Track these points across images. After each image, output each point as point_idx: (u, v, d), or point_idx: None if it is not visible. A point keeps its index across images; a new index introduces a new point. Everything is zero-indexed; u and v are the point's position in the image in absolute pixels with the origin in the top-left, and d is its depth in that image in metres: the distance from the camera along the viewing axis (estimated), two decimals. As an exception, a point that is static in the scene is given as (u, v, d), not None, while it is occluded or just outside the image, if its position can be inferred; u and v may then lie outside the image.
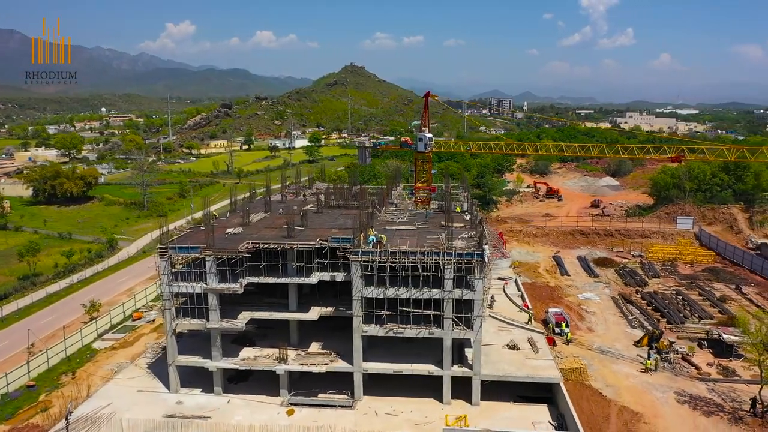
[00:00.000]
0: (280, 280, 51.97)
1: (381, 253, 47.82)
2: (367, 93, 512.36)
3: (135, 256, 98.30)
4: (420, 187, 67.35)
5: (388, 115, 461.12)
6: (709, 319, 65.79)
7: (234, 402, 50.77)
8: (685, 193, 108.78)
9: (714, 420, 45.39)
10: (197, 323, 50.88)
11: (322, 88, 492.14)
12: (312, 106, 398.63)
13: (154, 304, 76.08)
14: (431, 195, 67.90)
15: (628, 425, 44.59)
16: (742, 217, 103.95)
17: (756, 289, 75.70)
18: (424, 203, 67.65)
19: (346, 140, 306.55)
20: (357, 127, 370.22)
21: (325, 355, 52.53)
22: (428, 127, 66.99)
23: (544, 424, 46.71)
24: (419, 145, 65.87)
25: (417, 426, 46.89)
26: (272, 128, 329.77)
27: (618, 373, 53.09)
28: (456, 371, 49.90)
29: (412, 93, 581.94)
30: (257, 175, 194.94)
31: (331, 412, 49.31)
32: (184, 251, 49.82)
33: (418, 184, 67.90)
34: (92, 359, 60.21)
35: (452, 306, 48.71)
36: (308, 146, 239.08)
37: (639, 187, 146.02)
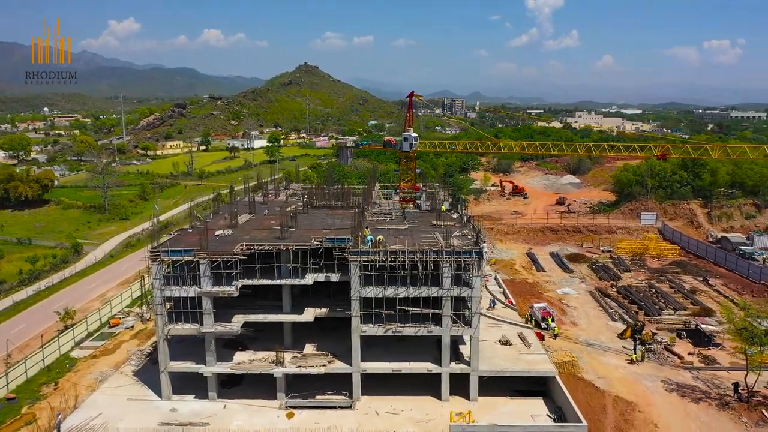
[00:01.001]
0: (276, 282, 51.37)
1: (380, 252, 47.88)
2: (322, 93, 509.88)
3: (103, 261, 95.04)
4: (405, 186, 67.60)
5: (344, 115, 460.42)
6: (683, 310, 68.60)
7: (231, 407, 49.82)
8: (647, 190, 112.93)
9: (703, 406, 47.43)
10: (190, 328, 49.73)
11: (276, 87, 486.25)
12: (268, 106, 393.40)
13: (130, 310, 73.90)
14: (416, 194, 68.27)
15: (624, 414, 46.09)
16: (701, 213, 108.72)
17: (722, 281, 79.35)
18: (408, 202, 67.94)
19: (305, 140, 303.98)
20: (314, 127, 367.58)
21: (321, 357, 52.20)
22: (412, 127, 67.25)
23: (542, 417, 47.73)
24: (404, 144, 66.14)
25: (419, 424, 47.16)
26: (229, 128, 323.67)
27: (607, 365, 54.78)
28: (455, 368, 50.44)
29: (366, 93, 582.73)
30: (218, 176, 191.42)
31: (332, 414, 49.05)
32: (177, 254, 48.48)
33: (402, 183, 68.12)
34: (73, 369, 57.95)
35: (450, 304, 49.33)
36: (269, 146, 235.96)
37: (599, 185, 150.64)
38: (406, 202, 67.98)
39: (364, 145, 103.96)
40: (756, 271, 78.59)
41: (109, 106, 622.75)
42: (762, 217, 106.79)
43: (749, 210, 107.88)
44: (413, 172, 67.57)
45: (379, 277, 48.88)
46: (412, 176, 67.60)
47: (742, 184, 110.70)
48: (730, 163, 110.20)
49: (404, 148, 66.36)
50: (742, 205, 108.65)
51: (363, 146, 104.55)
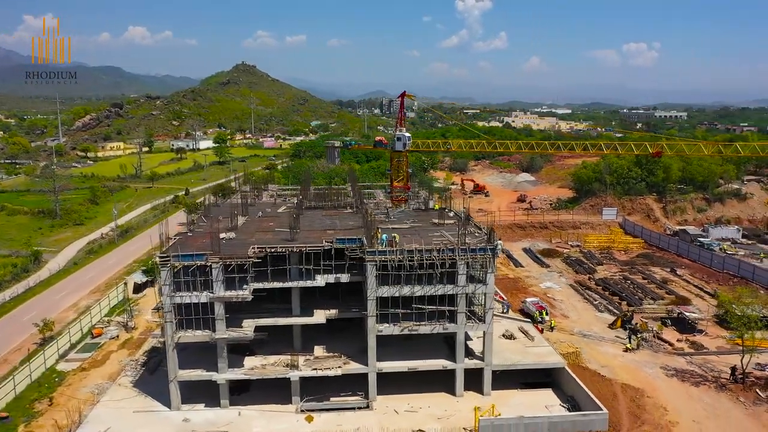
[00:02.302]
0: (288, 284, 50.69)
1: (397, 252, 48.06)
2: (262, 92, 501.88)
3: (67, 268, 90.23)
4: (397, 185, 67.94)
5: (286, 115, 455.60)
6: (660, 299, 72.34)
7: (246, 414, 48.72)
8: (606, 186, 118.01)
9: (703, 389, 50.33)
10: (202, 335, 48.27)
11: (215, 87, 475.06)
12: (209, 106, 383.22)
13: (110, 319, 70.71)
14: (408, 194, 68.76)
15: (634, 400, 48.26)
16: (656, 207, 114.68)
17: (688, 271, 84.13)
18: (400, 202, 68.33)
19: (252, 141, 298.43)
20: (258, 127, 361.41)
21: (335, 358, 51.82)
22: (404, 127, 67.66)
23: (555, 407, 49.27)
24: (397, 144, 66.47)
25: (440, 420, 47.68)
26: (170, 129, 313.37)
27: (606, 354, 57.12)
28: (469, 363, 51.30)
29: (306, 93, 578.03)
30: (169, 178, 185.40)
31: (351, 415, 48.83)
32: (188, 259, 46.89)
33: (395, 182, 68.40)
34: (63, 383, 54.88)
35: (465, 301, 50.16)
36: (217, 147, 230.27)
37: (554, 182, 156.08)
38: (399, 202, 68.34)
39: (352, 146, 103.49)
40: (719, 261, 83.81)
41: (33, 105, 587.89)
42: (712, 210, 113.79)
43: (700, 204, 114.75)
44: (406, 171, 68.00)
45: (393, 277, 49.01)
46: (405, 176, 68.00)
47: (693, 180, 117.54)
48: (680, 160, 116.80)
49: (397, 148, 66.71)
50: (693, 200, 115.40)
51: (352, 146, 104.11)
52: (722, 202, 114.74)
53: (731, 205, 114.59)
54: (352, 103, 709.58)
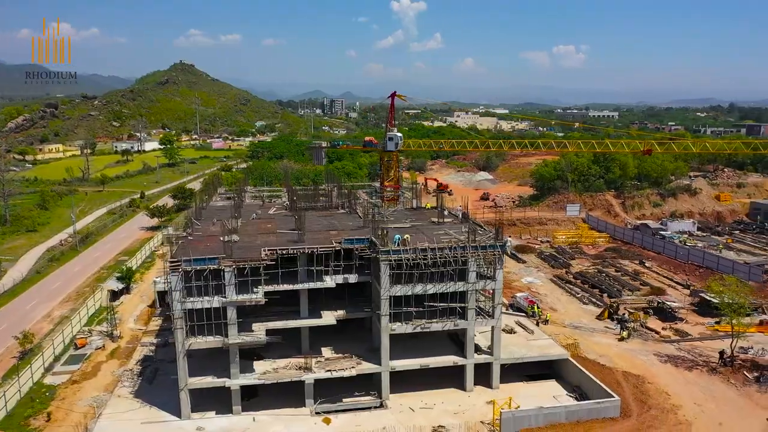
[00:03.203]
0: (298, 286, 50.18)
1: (410, 251, 48.46)
2: (202, 92, 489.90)
3: (30, 277, 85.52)
4: (389, 185, 68.29)
5: (229, 115, 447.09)
6: (637, 290, 75.85)
7: (261, 419, 47.89)
8: (568, 184, 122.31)
9: (696, 373, 53.27)
10: (213, 340, 47.11)
11: (153, 87, 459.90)
12: (150, 106, 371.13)
13: (91, 328, 67.66)
14: (398, 194, 69.25)
15: (637, 387, 50.54)
16: (615, 203, 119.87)
17: (655, 263, 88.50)
18: (391, 201, 68.73)
19: (199, 142, 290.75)
20: (203, 128, 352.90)
21: (347, 359, 51.67)
22: (396, 127, 68.04)
23: (563, 397, 50.97)
24: (389, 144, 66.81)
25: (456, 415, 48.41)
26: (111, 130, 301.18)
27: (600, 344, 59.46)
28: (479, 358, 52.30)
29: (247, 93, 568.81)
30: (119, 181, 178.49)
31: (367, 415, 48.86)
32: (201, 263, 45.68)
33: (386, 182, 68.73)
34: (56, 397, 52.15)
35: (474, 297, 51.14)
36: (167, 149, 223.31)
37: (512, 180, 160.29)
38: (390, 201, 68.72)
39: (341, 146, 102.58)
40: (684, 253, 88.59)
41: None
42: (666, 205, 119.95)
43: (655, 199, 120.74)
44: (396, 171, 68.45)
45: (405, 276, 49.33)
46: (395, 176, 68.43)
47: (648, 176, 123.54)
48: (635, 158, 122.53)
49: (389, 148, 67.07)
50: (649, 195, 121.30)
51: (340, 146, 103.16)
52: (675, 197, 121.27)
53: (683, 200, 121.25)
54: (292, 104, 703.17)
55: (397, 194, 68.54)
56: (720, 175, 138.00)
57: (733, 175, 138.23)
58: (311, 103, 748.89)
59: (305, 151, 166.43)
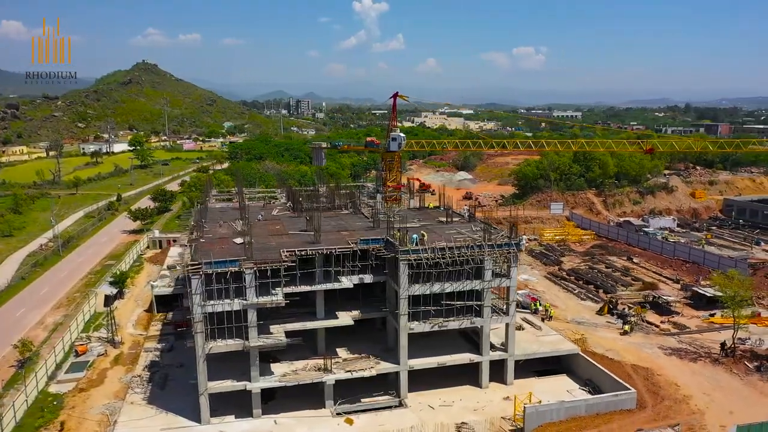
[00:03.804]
0: (318, 287, 50.09)
1: (429, 250, 48.86)
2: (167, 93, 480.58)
3: (15, 284, 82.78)
4: (391, 185, 68.55)
5: (196, 116, 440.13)
6: (630, 286, 77.91)
7: (282, 422, 47.60)
8: (551, 182, 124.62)
9: (701, 364, 55.16)
10: (234, 344, 46.62)
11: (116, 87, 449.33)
12: (115, 107, 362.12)
13: (89, 335, 65.98)
14: (401, 193, 69.55)
15: (648, 379, 52.05)
16: (597, 201, 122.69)
17: (643, 258, 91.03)
18: (393, 201, 69.01)
19: (170, 143, 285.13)
20: (172, 129, 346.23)
21: (365, 359, 51.75)
22: (397, 128, 68.36)
23: (577, 391, 52.12)
24: (392, 144, 67.10)
25: (476, 412, 49.03)
26: (76, 132, 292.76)
27: (605, 339, 60.98)
28: (494, 355, 53.04)
29: (213, 93, 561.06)
30: (91, 184, 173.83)
31: (388, 414, 49.07)
32: (221, 266, 45.15)
33: (388, 182, 68.98)
34: (64, 406, 50.75)
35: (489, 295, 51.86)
36: (137, 150, 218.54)
37: (492, 179, 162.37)
38: (392, 201, 68.98)
39: (341, 146, 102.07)
40: (669, 248, 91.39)
41: None
42: (645, 202, 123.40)
43: (635, 197, 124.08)
44: (398, 171, 68.78)
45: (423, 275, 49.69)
46: (397, 176, 68.75)
47: (627, 175, 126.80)
48: (613, 157, 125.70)
49: (392, 148, 67.35)
50: (629, 193, 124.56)
51: (341, 147, 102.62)
52: (653, 195, 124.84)
53: (661, 198, 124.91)
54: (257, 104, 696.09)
55: (399, 194, 68.88)
56: (693, 173, 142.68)
57: (705, 173, 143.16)
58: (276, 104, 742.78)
59: (284, 152, 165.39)
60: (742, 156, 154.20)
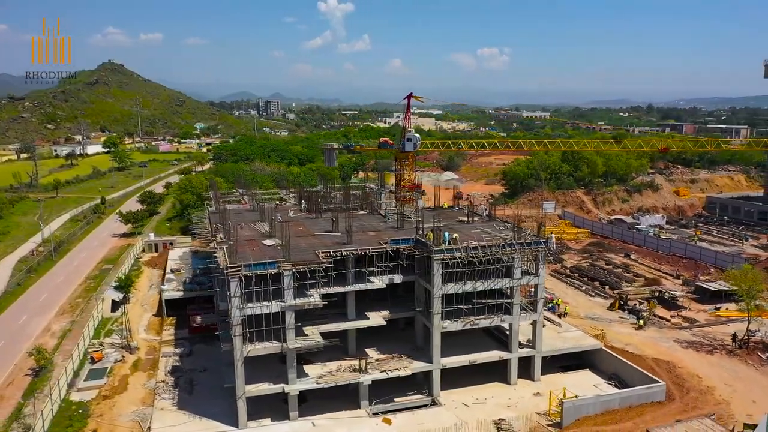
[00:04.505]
0: (350, 288, 50.12)
1: (462, 249, 49.36)
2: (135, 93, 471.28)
3: (12, 290, 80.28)
4: (405, 186, 68.84)
5: (167, 117, 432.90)
6: (633, 282, 79.85)
7: (321, 424, 47.46)
8: (541, 182, 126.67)
9: (717, 356, 57.00)
10: (272, 346, 46.33)
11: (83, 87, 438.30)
12: (84, 108, 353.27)
13: (102, 341, 64.52)
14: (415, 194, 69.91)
15: (671, 372, 53.56)
16: (587, 199, 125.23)
17: (639, 255, 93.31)
18: (407, 202, 69.34)
19: (145, 145, 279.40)
20: (145, 130, 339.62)
21: (398, 359, 51.94)
22: (411, 128, 68.68)
23: (603, 385, 53.32)
24: (408, 144, 67.37)
25: (510, 408, 49.71)
26: (46, 133, 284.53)
27: (622, 333, 62.44)
28: (522, 352, 53.85)
29: (181, 94, 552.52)
30: (71, 186, 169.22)
31: (424, 413, 49.36)
32: (260, 268, 44.83)
33: (403, 183, 69.25)
34: (91, 414, 49.59)
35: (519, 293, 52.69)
36: (114, 152, 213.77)
37: (479, 179, 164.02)
38: (406, 202, 69.28)
39: (354, 147, 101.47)
40: (665, 245, 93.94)
41: None
42: (633, 200, 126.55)
43: (623, 195, 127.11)
44: (412, 172, 69.11)
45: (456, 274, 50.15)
46: (412, 176, 69.08)
47: (614, 174, 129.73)
48: (601, 156, 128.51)
49: (408, 149, 67.61)
50: (617, 192, 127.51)
51: (353, 148, 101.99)
52: (640, 193, 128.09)
53: (647, 196, 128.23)
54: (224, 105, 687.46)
55: (414, 194, 69.28)
56: (675, 172, 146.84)
57: (687, 172, 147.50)
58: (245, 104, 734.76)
59: (270, 153, 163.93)
60: (717, 155, 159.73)
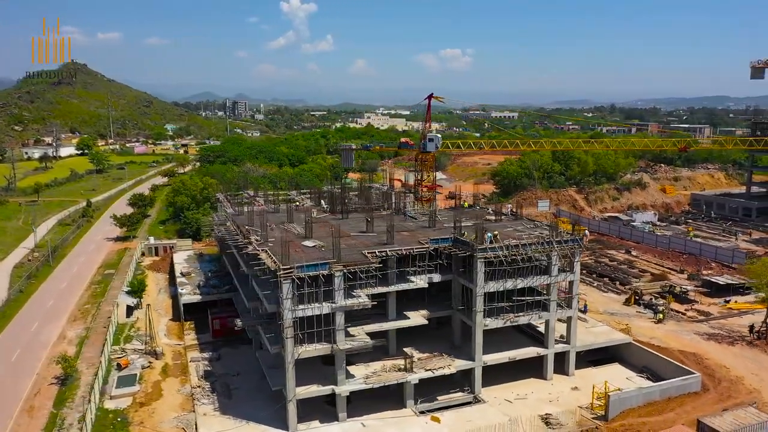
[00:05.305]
0: (394, 287, 50.34)
1: (504, 248, 50.10)
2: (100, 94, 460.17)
3: (15, 298, 77.70)
4: (425, 186, 69.32)
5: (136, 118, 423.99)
6: (640, 277, 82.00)
7: (371, 424, 47.54)
8: (534, 181, 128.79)
9: (738, 347, 59.10)
10: (323, 347, 46.19)
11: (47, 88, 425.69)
12: (51, 109, 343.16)
13: (124, 347, 63.16)
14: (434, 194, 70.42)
15: (700, 363, 55.29)
16: (579, 198, 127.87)
17: (639, 251, 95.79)
18: (427, 202, 69.82)
19: (120, 147, 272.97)
20: (117, 132, 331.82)
21: (440, 358, 52.32)
22: (431, 129, 69.17)
23: (635, 378, 54.75)
24: (429, 145, 67.86)
25: (552, 403, 50.63)
26: (13, 135, 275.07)
27: (643, 327, 64.12)
28: (558, 348, 54.89)
29: (148, 95, 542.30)
30: (50, 190, 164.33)
31: (470, 410, 49.88)
32: (312, 269, 44.66)
33: (423, 183, 69.69)
34: (131, 421, 48.57)
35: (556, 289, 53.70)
36: (92, 154, 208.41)
37: (467, 179, 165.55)
38: (427, 202, 69.75)
39: (372, 147, 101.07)
40: (664, 241, 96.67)
41: None
42: (623, 198, 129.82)
43: (614, 194, 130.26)
44: (433, 172, 69.63)
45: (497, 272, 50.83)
46: (432, 177, 69.58)
47: (605, 173, 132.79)
48: (591, 155, 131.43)
49: (429, 149, 68.09)
50: (608, 190, 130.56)
51: (371, 148, 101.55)
52: (629, 191, 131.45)
53: (636, 194, 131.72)
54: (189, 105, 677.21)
55: (434, 194, 69.79)
56: (658, 170, 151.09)
57: (669, 170, 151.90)
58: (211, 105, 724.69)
59: (258, 155, 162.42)
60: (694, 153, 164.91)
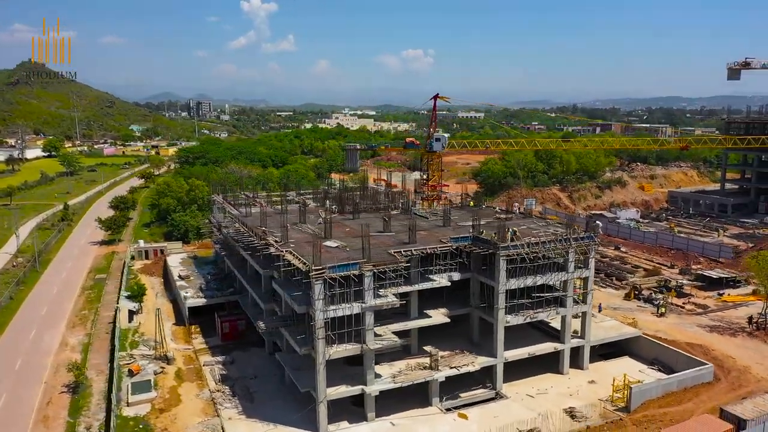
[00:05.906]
0: (417, 287, 50.65)
1: (525, 245, 50.96)
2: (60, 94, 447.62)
3: (7, 305, 75.12)
4: (431, 186, 69.81)
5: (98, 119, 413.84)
6: (635, 273, 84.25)
7: (399, 423, 47.75)
8: (519, 180, 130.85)
9: (740, 338, 61.37)
10: (353, 347, 46.20)
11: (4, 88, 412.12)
12: (10, 110, 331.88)
13: (131, 353, 61.73)
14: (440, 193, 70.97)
15: (707, 354, 57.17)
16: (563, 196, 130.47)
17: (628, 247, 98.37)
18: (433, 201, 70.35)
19: (88, 148, 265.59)
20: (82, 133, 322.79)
21: (463, 355, 52.84)
22: (437, 129, 69.70)
23: (647, 370, 56.29)
24: (436, 145, 68.34)
25: (572, 397, 51.70)
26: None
27: (647, 321, 65.90)
28: (573, 343, 56.06)
29: (110, 95, 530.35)
30: (24, 192, 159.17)
31: (495, 406, 50.55)
32: (343, 269, 44.64)
33: (429, 183, 70.17)
34: (153, 428, 47.64)
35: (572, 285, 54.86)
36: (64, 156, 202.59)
37: (449, 178, 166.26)
38: (432, 201, 70.26)
39: (377, 147, 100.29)
40: (651, 237, 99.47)
41: None
42: (605, 196, 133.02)
43: (596, 192, 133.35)
44: (439, 171, 70.17)
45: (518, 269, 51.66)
46: (438, 176, 70.13)
47: (586, 171, 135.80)
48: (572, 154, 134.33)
49: (436, 149, 68.59)
50: (590, 188, 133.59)
51: (376, 148, 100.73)
52: (611, 189, 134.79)
53: (617, 192, 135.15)
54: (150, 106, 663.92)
55: (439, 194, 70.31)
56: (635, 169, 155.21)
57: (645, 168, 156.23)
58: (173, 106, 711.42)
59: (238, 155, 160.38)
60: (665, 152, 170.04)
